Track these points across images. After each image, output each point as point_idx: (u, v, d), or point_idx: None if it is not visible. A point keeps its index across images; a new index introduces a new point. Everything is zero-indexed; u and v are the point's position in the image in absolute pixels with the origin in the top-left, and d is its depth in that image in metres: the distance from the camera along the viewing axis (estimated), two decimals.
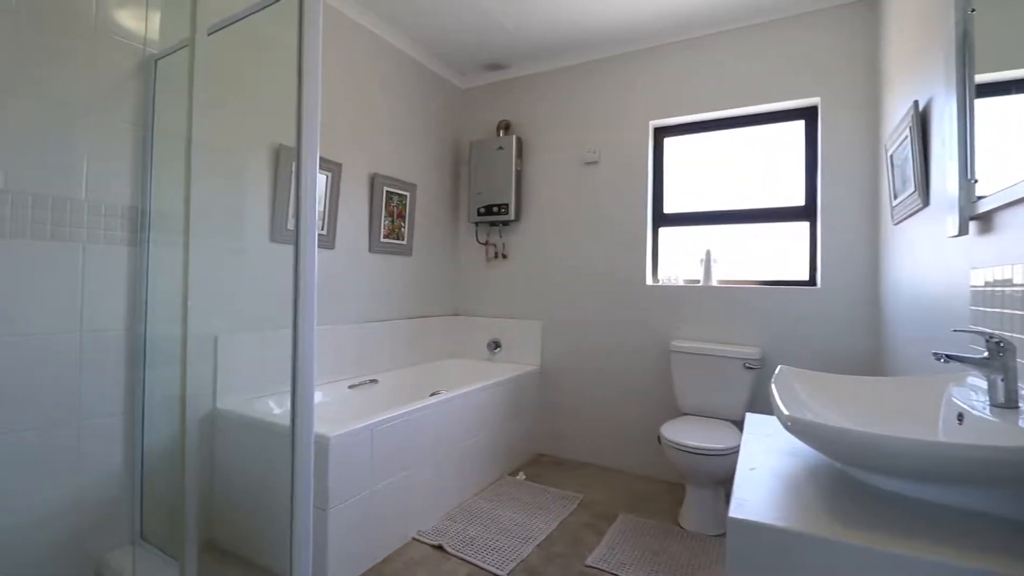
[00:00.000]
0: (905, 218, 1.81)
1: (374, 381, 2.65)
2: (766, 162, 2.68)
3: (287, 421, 1.22)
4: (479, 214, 3.24)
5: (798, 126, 2.57)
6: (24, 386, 1.51)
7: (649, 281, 2.85)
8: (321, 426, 1.60)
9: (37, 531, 1.55)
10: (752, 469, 0.90)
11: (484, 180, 3.22)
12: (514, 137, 3.15)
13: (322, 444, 1.64)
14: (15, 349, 1.49)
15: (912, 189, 1.65)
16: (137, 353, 1.78)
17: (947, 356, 0.97)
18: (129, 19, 1.75)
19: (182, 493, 1.49)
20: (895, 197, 1.89)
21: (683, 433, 2.20)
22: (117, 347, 1.74)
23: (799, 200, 2.55)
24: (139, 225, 1.78)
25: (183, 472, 1.50)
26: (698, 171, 2.86)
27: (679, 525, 2.20)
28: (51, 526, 1.58)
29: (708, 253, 2.68)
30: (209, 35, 1.52)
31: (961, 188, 1.20)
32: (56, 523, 1.59)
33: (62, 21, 1.59)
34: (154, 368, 1.78)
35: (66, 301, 1.61)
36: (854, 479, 0.84)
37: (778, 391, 0.98)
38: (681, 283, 2.82)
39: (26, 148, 1.51)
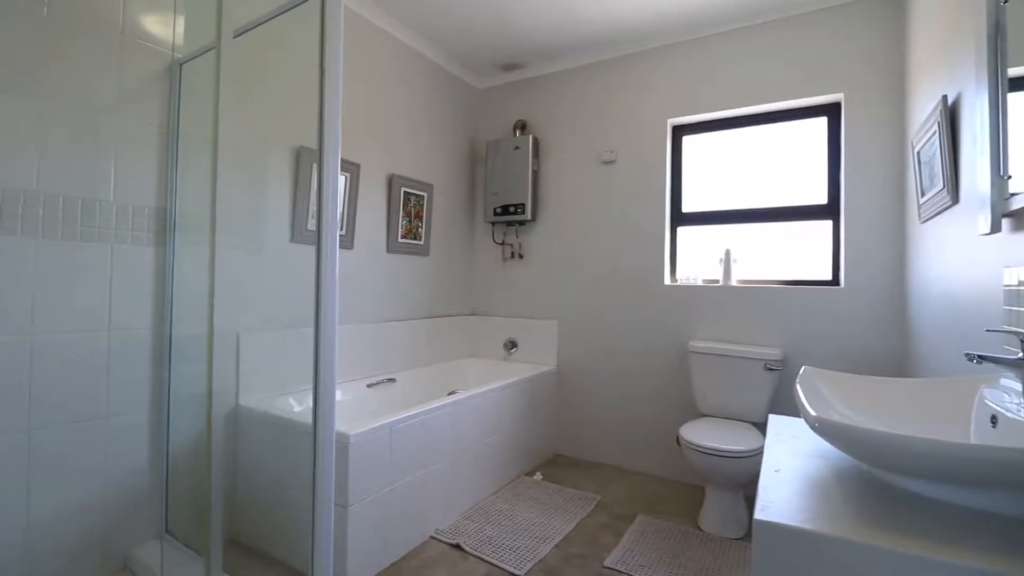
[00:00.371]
0: (933, 216, 1.77)
1: (392, 380, 2.67)
2: (787, 160, 2.64)
3: (308, 419, 1.24)
4: (496, 214, 3.25)
5: (821, 123, 2.53)
6: (54, 383, 1.56)
7: (667, 281, 2.82)
8: (340, 424, 1.62)
9: (68, 523, 1.59)
10: (777, 471, 0.88)
11: (500, 180, 3.23)
12: (530, 137, 3.14)
13: (342, 442, 1.65)
14: (45, 347, 1.54)
15: (940, 186, 1.61)
16: (162, 351, 1.82)
17: (979, 357, 0.94)
18: (155, 24, 1.80)
19: (207, 489, 1.52)
20: (922, 194, 1.85)
21: (702, 434, 2.18)
22: (143, 345, 1.78)
23: (822, 198, 2.51)
24: (165, 226, 1.82)
25: (209, 468, 1.52)
26: (718, 169, 2.82)
27: (698, 527, 2.18)
28: (81, 519, 1.63)
29: (728, 252, 2.64)
30: (234, 38, 1.55)
31: (993, 184, 1.16)
32: (86, 516, 1.64)
33: (90, 27, 1.63)
34: (178, 366, 1.82)
35: (94, 300, 1.65)
36: (882, 481, 0.82)
37: (803, 392, 0.96)
38: (700, 283, 2.79)
39: (56, 151, 1.56)
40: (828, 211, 2.49)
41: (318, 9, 1.20)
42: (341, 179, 2.42)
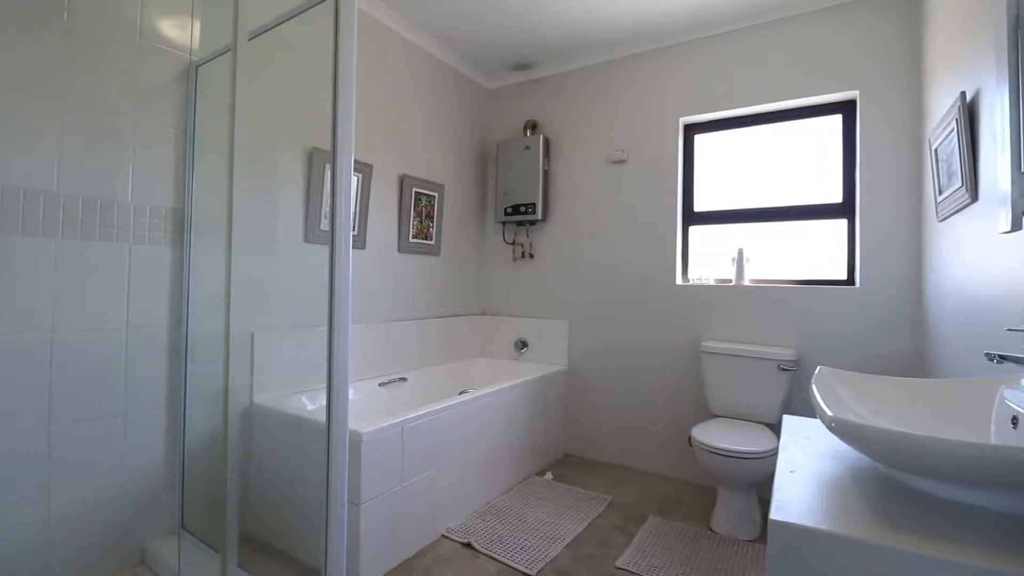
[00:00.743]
0: (951, 214, 1.74)
1: (403, 379, 2.69)
2: (801, 158, 2.61)
3: (321, 417, 1.25)
4: (506, 214, 3.25)
5: (835, 120, 2.50)
6: (73, 381, 1.58)
7: (679, 280, 2.81)
8: (353, 422, 1.63)
9: (86, 519, 1.62)
10: (792, 472, 0.87)
11: (511, 180, 3.23)
12: (541, 137, 3.14)
13: (355, 440, 1.67)
14: (64, 346, 1.57)
15: (959, 184, 1.59)
16: (178, 350, 1.84)
17: (1000, 356, 0.92)
18: (171, 28, 1.82)
19: (223, 485, 1.54)
20: (940, 192, 1.82)
21: (715, 435, 2.16)
22: (159, 344, 1.80)
23: (836, 197, 2.48)
24: (182, 226, 1.84)
25: (225, 465, 1.54)
26: (730, 168, 2.80)
27: (711, 529, 2.16)
28: (99, 515, 1.66)
29: (740, 252, 2.62)
30: (249, 40, 1.57)
31: (1014, 182, 1.14)
32: (103, 512, 1.67)
33: (109, 31, 1.66)
34: (193, 364, 1.85)
35: (112, 300, 1.68)
36: (899, 482, 0.81)
37: (819, 392, 0.95)
38: (712, 283, 2.77)
39: (75, 152, 1.59)
40: (843, 210, 2.45)
41: (332, 11, 1.21)
42: (354, 180, 2.44)
